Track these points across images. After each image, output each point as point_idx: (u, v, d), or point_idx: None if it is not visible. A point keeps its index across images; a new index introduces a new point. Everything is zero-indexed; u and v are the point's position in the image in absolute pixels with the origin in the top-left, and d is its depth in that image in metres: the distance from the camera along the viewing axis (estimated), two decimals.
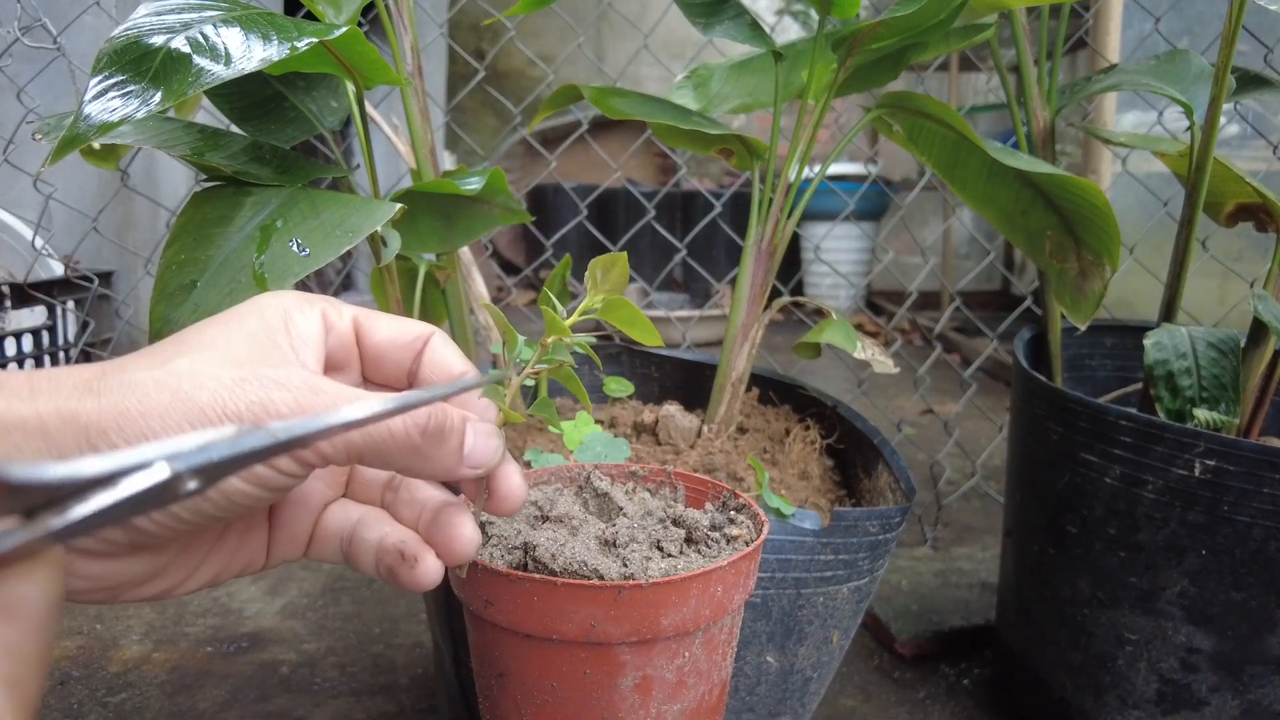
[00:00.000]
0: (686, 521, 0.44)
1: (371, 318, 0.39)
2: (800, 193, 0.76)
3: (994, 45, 0.86)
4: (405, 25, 0.72)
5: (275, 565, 0.40)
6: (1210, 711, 0.70)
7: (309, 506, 0.39)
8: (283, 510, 0.39)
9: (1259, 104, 1.62)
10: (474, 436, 0.36)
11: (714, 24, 0.76)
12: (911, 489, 0.65)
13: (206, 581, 0.37)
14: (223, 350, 0.33)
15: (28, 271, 1.36)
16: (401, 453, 0.34)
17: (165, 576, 0.35)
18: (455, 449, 0.35)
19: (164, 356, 0.32)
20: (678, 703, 0.41)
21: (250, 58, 0.46)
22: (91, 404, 0.30)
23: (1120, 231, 0.74)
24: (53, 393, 0.30)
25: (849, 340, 0.73)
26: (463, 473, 0.36)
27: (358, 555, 0.39)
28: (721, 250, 3.42)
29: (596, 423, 0.76)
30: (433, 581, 0.37)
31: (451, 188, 0.68)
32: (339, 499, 0.40)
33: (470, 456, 0.36)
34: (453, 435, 0.35)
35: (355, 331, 0.39)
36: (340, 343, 0.38)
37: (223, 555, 0.37)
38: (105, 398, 0.30)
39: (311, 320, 0.37)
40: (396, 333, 0.39)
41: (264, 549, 0.39)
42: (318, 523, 0.39)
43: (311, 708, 0.88)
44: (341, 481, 0.41)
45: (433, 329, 0.40)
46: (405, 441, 0.33)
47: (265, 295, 0.37)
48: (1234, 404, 0.70)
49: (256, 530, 0.38)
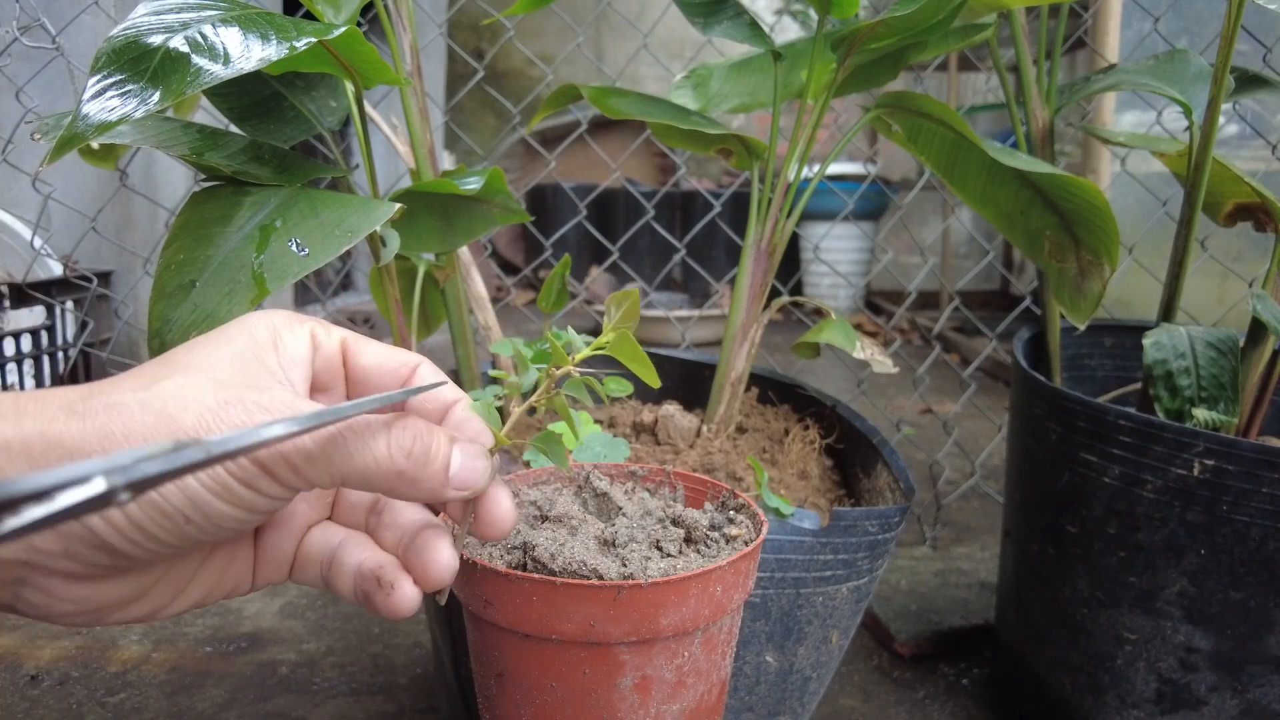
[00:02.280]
0: (686, 521, 0.44)
1: (359, 342, 0.39)
2: (799, 192, 0.76)
3: (993, 45, 0.86)
4: (404, 25, 0.72)
5: (261, 587, 0.39)
6: (1209, 711, 0.70)
7: (292, 529, 0.39)
8: (267, 532, 0.39)
9: (1258, 104, 1.62)
10: (460, 457, 0.35)
11: (713, 24, 0.76)
12: (911, 489, 0.65)
13: (193, 603, 0.37)
14: (208, 372, 0.33)
15: (26, 271, 1.36)
16: (386, 476, 0.33)
17: (150, 599, 0.35)
18: (440, 471, 0.35)
19: (150, 378, 0.32)
20: (677, 702, 0.41)
21: (249, 57, 0.46)
22: (76, 426, 0.30)
23: (1119, 231, 0.74)
24: (38, 415, 0.30)
25: (848, 340, 0.73)
26: (449, 495, 0.35)
27: (336, 579, 0.38)
28: (721, 250, 3.42)
29: (596, 423, 0.76)
30: (407, 609, 0.36)
31: (451, 187, 0.67)
32: (322, 521, 0.40)
33: (456, 478, 0.35)
34: (438, 458, 0.34)
35: (343, 354, 0.38)
36: (327, 364, 0.38)
37: (208, 578, 0.37)
38: (90, 420, 0.30)
39: (300, 340, 0.36)
40: (384, 358, 0.39)
41: (249, 573, 0.39)
42: (300, 545, 0.39)
43: (311, 708, 0.88)
44: (326, 504, 0.40)
45: (421, 358, 0.39)
46: (389, 465, 0.33)
47: (255, 314, 0.37)
48: (1233, 403, 0.70)
49: (242, 553, 0.38)
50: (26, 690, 0.90)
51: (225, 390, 0.32)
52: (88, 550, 0.31)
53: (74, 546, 0.30)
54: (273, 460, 0.31)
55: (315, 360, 0.37)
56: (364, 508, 0.40)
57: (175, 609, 0.36)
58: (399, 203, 0.56)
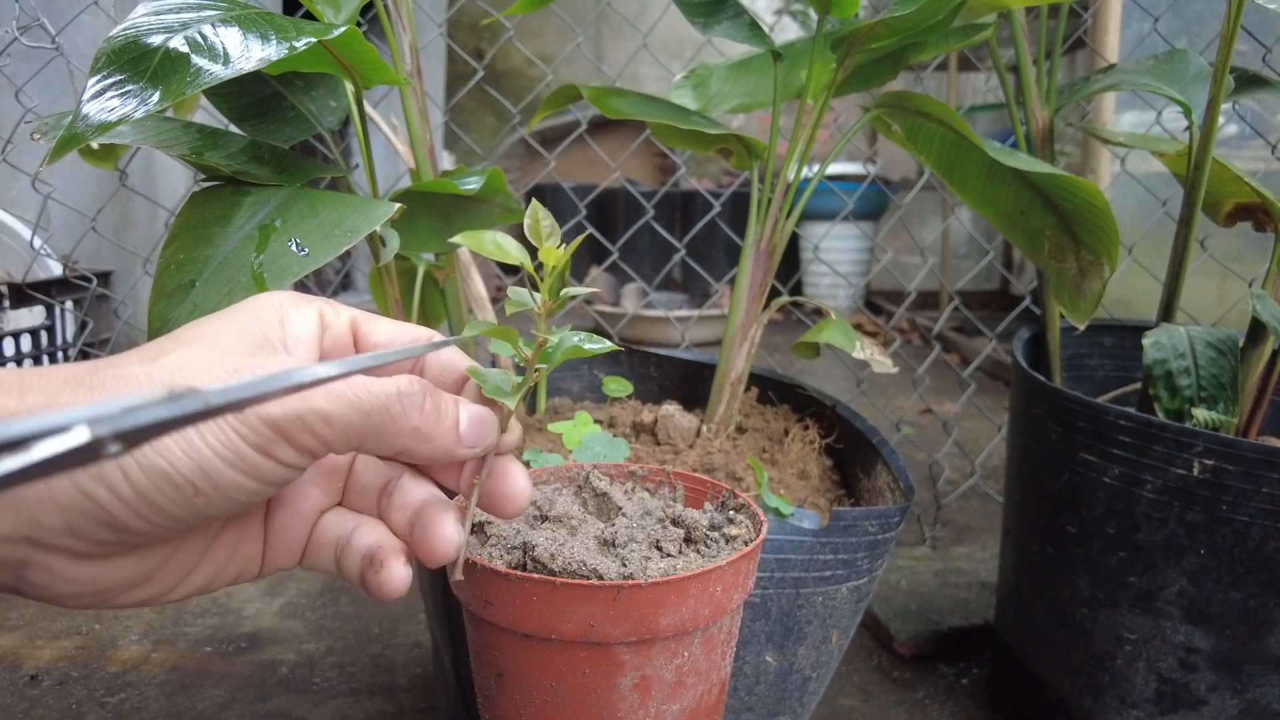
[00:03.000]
0: (685, 521, 0.44)
1: (370, 320, 0.39)
2: (799, 192, 0.76)
3: (993, 45, 0.86)
4: (404, 25, 0.72)
5: (269, 574, 0.39)
6: (1209, 711, 0.70)
7: (304, 513, 0.39)
8: (278, 517, 0.38)
9: (1257, 104, 1.62)
10: (467, 414, 0.36)
11: (713, 23, 0.76)
12: (910, 488, 0.65)
13: (198, 588, 0.36)
14: (213, 343, 0.33)
15: (26, 271, 1.36)
16: (403, 434, 0.34)
17: (155, 581, 0.35)
18: (452, 428, 0.35)
19: (157, 351, 0.32)
20: (677, 702, 0.41)
21: (249, 57, 0.46)
22: (83, 397, 0.30)
23: (1119, 231, 0.74)
24: (43, 388, 0.30)
25: (848, 340, 0.73)
26: (461, 452, 0.36)
27: (346, 563, 0.38)
28: (720, 250, 3.42)
29: (595, 422, 0.76)
30: (394, 589, 0.36)
31: (450, 187, 0.67)
32: (335, 507, 0.40)
33: (466, 435, 0.36)
34: (448, 415, 0.35)
35: (353, 332, 0.38)
36: (336, 342, 0.38)
37: (215, 561, 0.37)
38: (96, 392, 0.30)
39: (307, 318, 0.36)
40: (396, 334, 0.39)
41: (258, 556, 0.38)
42: (313, 531, 0.39)
43: (310, 708, 0.88)
44: (338, 488, 0.40)
45: (432, 332, 0.39)
46: (404, 420, 0.33)
47: (262, 295, 0.37)
48: (1232, 403, 0.70)
49: (251, 537, 0.38)
50: (26, 690, 0.90)
51: (231, 359, 0.32)
52: (93, 526, 0.30)
53: (78, 522, 0.30)
54: (289, 422, 0.31)
55: (324, 339, 0.37)
56: (375, 491, 0.40)
57: (181, 592, 0.36)
58: (399, 203, 0.56)
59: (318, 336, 0.37)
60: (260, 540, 0.38)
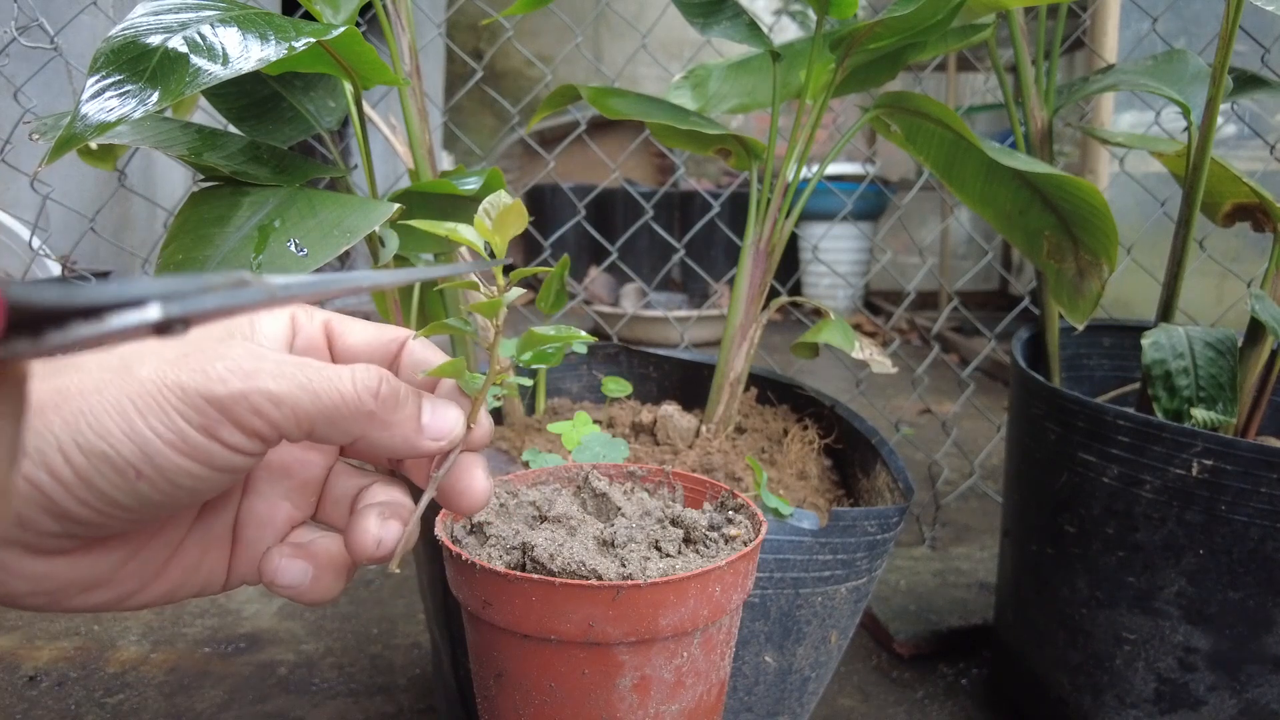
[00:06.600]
0: (685, 521, 0.44)
1: (345, 322, 0.38)
2: (798, 193, 0.76)
3: (992, 45, 0.86)
4: (403, 25, 0.72)
5: (234, 587, 0.38)
6: (1208, 711, 0.70)
7: (275, 526, 0.38)
8: (247, 529, 0.38)
9: (1256, 104, 1.62)
10: (431, 406, 0.35)
11: (712, 24, 0.76)
12: (909, 489, 0.65)
13: (160, 597, 0.36)
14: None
15: (24, 272, 1.36)
16: (355, 418, 0.33)
17: (114, 584, 0.34)
18: (413, 417, 0.35)
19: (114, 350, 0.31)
20: (676, 703, 0.41)
21: (248, 58, 0.46)
22: (39, 385, 0.29)
23: (1118, 231, 0.74)
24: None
25: (847, 340, 0.73)
26: (424, 444, 0.35)
27: None
28: (719, 250, 3.42)
29: (595, 423, 0.76)
30: (317, 598, 0.36)
31: (449, 188, 0.67)
32: (306, 522, 0.39)
33: (430, 427, 0.35)
34: (408, 403, 0.34)
35: (326, 335, 0.38)
36: (309, 345, 0.37)
37: (179, 569, 0.36)
38: (49, 380, 0.30)
39: (277, 321, 0.36)
40: (372, 336, 0.38)
41: (224, 567, 0.37)
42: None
43: (310, 708, 0.88)
44: (311, 502, 0.39)
45: (410, 332, 0.39)
46: (357, 405, 0.33)
47: None
48: (1231, 403, 0.70)
49: (217, 547, 0.37)
50: (25, 691, 0.90)
51: (184, 344, 0.31)
52: (39, 515, 0.29)
53: (24, 510, 0.29)
54: (233, 401, 0.30)
55: (296, 342, 0.37)
56: (348, 501, 0.39)
57: (142, 599, 0.35)
58: (398, 203, 0.56)
59: (287, 340, 0.36)
60: (226, 551, 0.38)
